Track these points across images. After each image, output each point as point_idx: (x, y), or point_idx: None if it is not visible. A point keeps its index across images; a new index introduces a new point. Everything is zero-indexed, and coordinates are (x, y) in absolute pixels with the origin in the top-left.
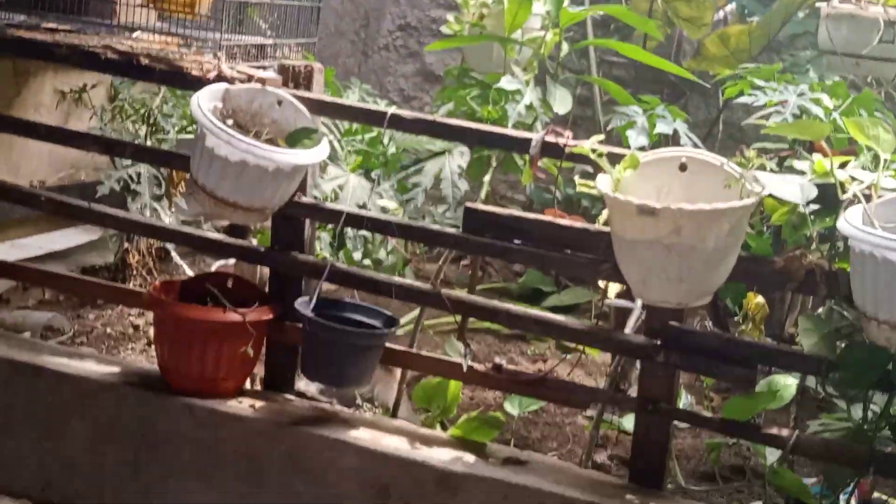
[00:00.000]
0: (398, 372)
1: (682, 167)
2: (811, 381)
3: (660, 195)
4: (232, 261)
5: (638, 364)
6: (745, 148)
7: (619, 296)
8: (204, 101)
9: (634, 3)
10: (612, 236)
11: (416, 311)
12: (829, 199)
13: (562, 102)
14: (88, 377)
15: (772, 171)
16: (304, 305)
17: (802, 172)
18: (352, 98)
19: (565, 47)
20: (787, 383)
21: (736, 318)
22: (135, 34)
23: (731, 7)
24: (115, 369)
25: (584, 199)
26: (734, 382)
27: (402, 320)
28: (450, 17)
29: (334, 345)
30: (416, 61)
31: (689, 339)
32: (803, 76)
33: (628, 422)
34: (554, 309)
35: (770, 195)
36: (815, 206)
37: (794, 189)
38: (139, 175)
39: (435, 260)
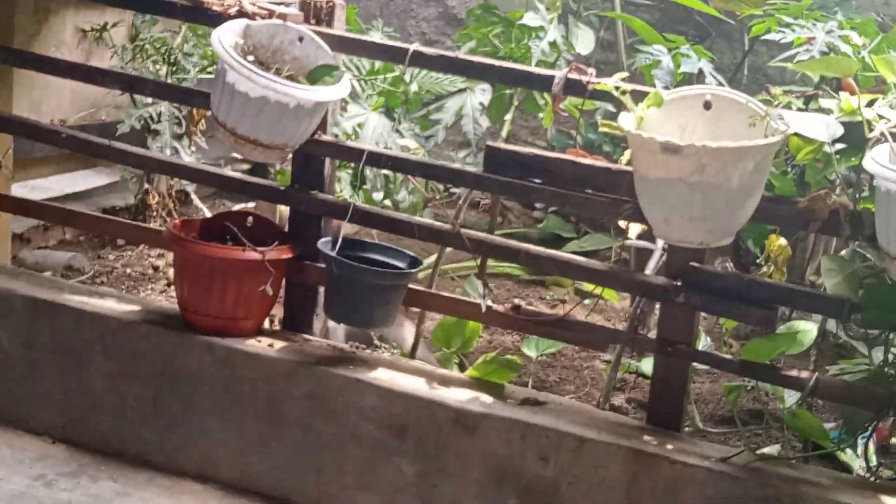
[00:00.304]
0: (414, 313)
1: (707, 105)
2: (831, 326)
3: (684, 134)
4: (252, 204)
5: (657, 309)
6: (771, 86)
7: (639, 238)
8: (225, 37)
9: None
10: (635, 175)
11: (435, 256)
12: (856, 137)
13: (584, 41)
14: (108, 315)
15: (798, 109)
16: (326, 246)
17: (829, 111)
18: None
19: None
20: (808, 328)
21: (758, 261)
22: None
23: None
24: (135, 308)
25: (605, 145)
26: (754, 324)
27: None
28: None
29: (359, 285)
30: (438, 4)
31: (709, 280)
32: (831, 18)
33: (647, 365)
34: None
35: (795, 133)
36: (840, 145)
37: (820, 127)
38: (160, 114)
39: (453, 205)
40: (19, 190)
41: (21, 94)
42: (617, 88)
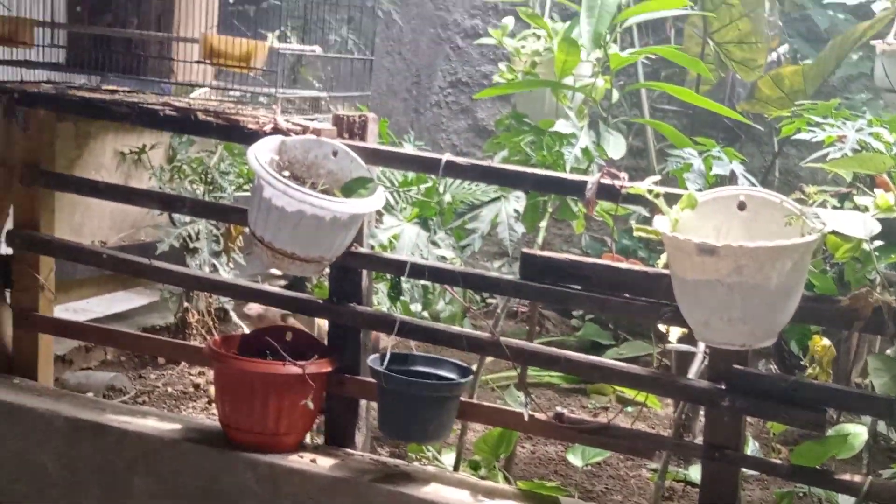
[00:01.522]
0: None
1: (741, 206)
2: (882, 427)
3: (719, 235)
4: (291, 319)
5: (702, 414)
6: (805, 185)
7: (680, 341)
8: (261, 154)
9: (686, 47)
10: (672, 278)
11: (475, 366)
12: (894, 234)
13: (616, 146)
14: (151, 434)
15: (833, 207)
16: (376, 362)
17: (865, 208)
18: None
19: (616, 94)
20: (858, 430)
21: (802, 362)
22: (193, 93)
23: (783, 49)
24: (177, 426)
25: (640, 250)
26: (802, 426)
27: None
28: (501, 66)
29: (413, 400)
30: (467, 117)
31: (754, 383)
32: (860, 116)
33: (694, 473)
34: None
35: (832, 232)
36: (879, 242)
37: (857, 224)
38: (198, 233)
39: (492, 314)
40: (61, 312)
41: (62, 216)
42: (650, 191)
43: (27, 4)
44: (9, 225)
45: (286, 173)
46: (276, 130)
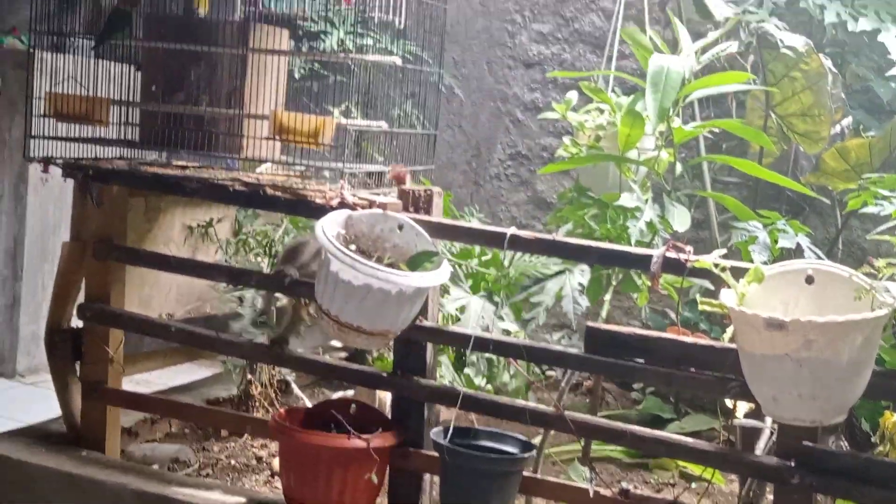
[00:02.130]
0: None
1: (809, 280)
2: None
3: (787, 309)
4: (351, 392)
5: (769, 491)
6: (874, 259)
7: (746, 416)
8: (328, 228)
9: (748, 119)
10: (740, 352)
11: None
12: None
13: (681, 219)
14: None
15: None
16: (439, 436)
17: None
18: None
19: (679, 166)
20: None
21: (872, 439)
22: (260, 168)
23: (847, 121)
24: (241, 499)
25: (702, 323)
26: None
27: None
28: (566, 139)
29: (475, 474)
30: (527, 189)
31: (825, 460)
32: None
33: None
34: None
35: None
36: None
37: None
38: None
39: (553, 387)
40: (127, 384)
41: (132, 289)
42: (716, 265)
43: (104, 84)
44: (80, 298)
45: (353, 247)
46: (343, 205)
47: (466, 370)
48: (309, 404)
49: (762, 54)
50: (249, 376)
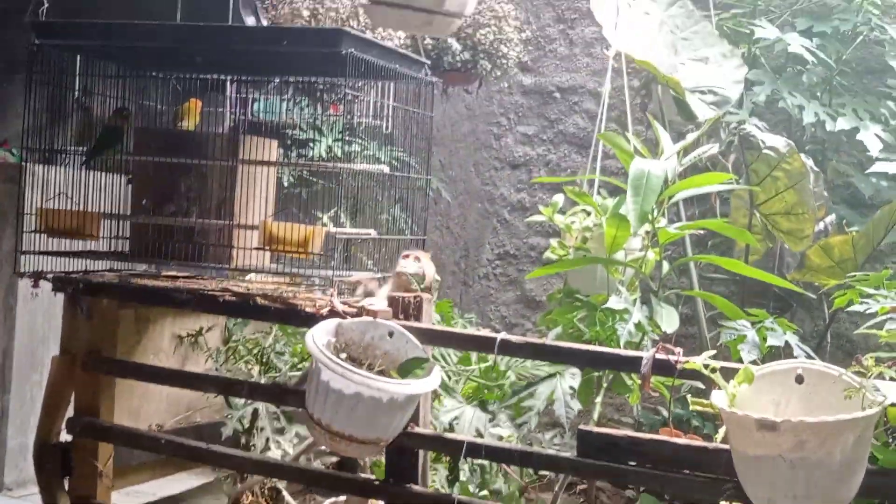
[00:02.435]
0: None
1: (799, 379)
2: None
3: (778, 409)
4: (342, 499)
5: None
6: (862, 357)
7: None
8: (318, 337)
9: (733, 218)
10: (733, 453)
11: None
12: None
13: (669, 320)
14: None
15: (892, 379)
16: None
17: None
18: (456, 327)
19: (665, 266)
20: None
21: None
22: (248, 276)
23: (830, 218)
24: None
25: (694, 419)
26: None
27: None
28: (553, 242)
29: None
30: (516, 289)
31: None
32: None
33: None
34: None
35: (893, 404)
36: None
37: None
38: (256, 411)
39: (548, 487)
40: (117, 496)
41: (121, 401)
42: (706, 366)
43: (95, 196)
44: (69, 412)
45: (343, 355)
46: (333, 313)
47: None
48: None
49: (745, 154)
50: (240, 485)
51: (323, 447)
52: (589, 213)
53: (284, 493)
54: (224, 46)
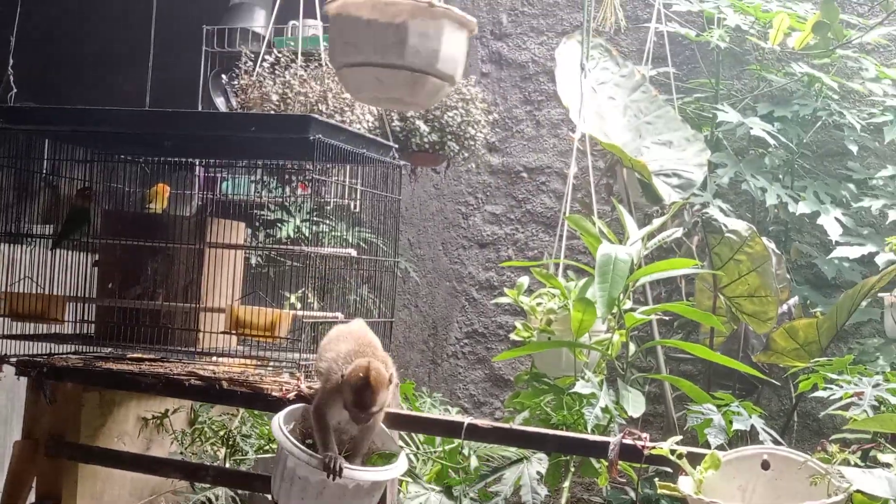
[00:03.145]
0: None
1: (765, 465)
2: None
3: (745, 494)
4: None
5: None
6: (827, 442)
7: None
8: (284, 422)
9: (697, 300)
10: None
11: None
12: None
13: (635, 404)
14: None
15: (856, 465)
16: None
17: (888, 465)
18: (426, 407)
19: (632, 348)
20: None
21: None
22: (215, 359)
23: (793, 300)
24: None
25: (663, 500)
26: None
27: None
28: (517, 323)
29: None
30: (484, 367)
31: None
32: (873, 364)
33: None
34: None
35: (858, 491)
36: None
37: (883, 484)
38: (217, 497)
39: None
40: None
41: (84, 486)
42: (673, 452)
43: (60, 277)
44: (31, 497)
45: (309, 441)
46: (300, 398)
47: None
48: None
49: (708, 238)
50: None
51: None
52: (554, 296)
53: None
54: (193, 132)
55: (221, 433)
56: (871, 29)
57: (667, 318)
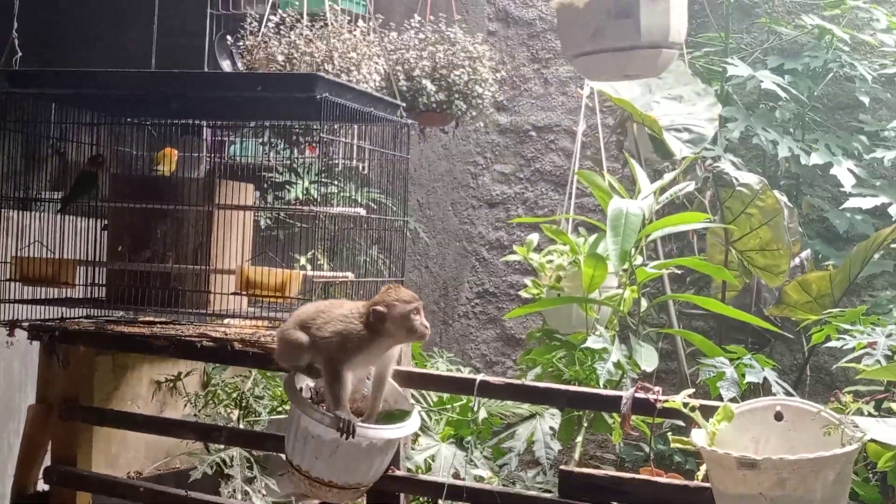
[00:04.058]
0: None
1: (778, 416)
2: None
3: (758, 446)
4: None
5: None
6: (840, 393)
7: None
8: (297, 382)
9: (709, 254)
10: (714, 492)
11: None
12: None
13: (648, 359)
14: None
15: (870, 414)
16: None
17: None
18: (439, 367)
19: (644, 303)
20: None
21: None
22: (226, 320)
23: (805, 253)
24: None
25: (676, 455)
26: None
27: None
28: (527, 281)
29: None
30: (496, 326)
31: None
32: (887, 316)
33: None
34: None
35: (872, 440)
36: None
37: None
38: (231, 458)
39: None
40: None
41: (99, 448)
42: (686, 405)
43: (70, 243)
44: (47, 461)
45: (322, 402)
46: None
47: None
48: None
49: (719, 192)
50: None
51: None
52: (564, 252)
53: None
54: (199, 93)
55: (234, 395)
56: None
57: (679, 272)
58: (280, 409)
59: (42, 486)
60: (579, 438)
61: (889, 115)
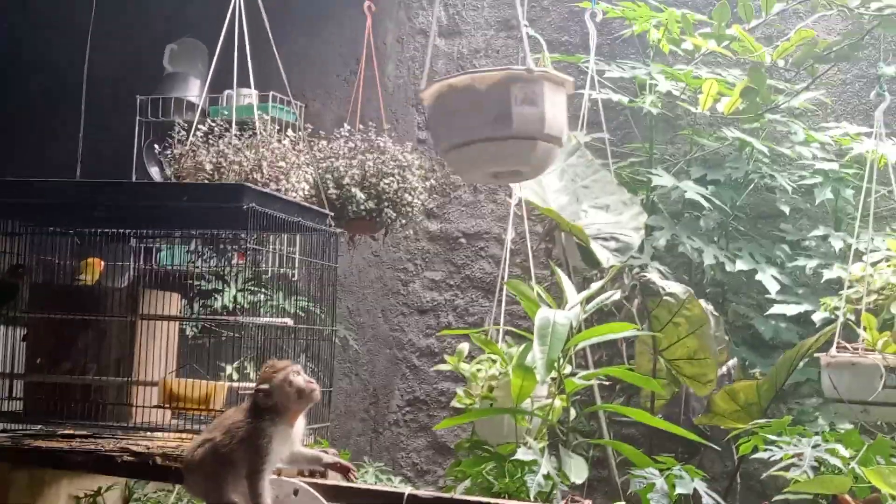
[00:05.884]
0: None
1: None
2: None
3: None
4: None
5: None
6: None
7: None
8: None
9: (638, 362)
10: None
11: None
12: None
13: (577, 471)
14: None
15: None
16: None
17: None
18: (368, 479)
19: (573, 412)
20: None
21: None
22: (149, 433)
23: (732, 362)
24: None
25: None
26: None
27: None
28: (458, 389)
29: None
30: (427, 434)
31: None
32: (812, 424)
33: None
34: None
35: None
36: None
37: None
38: None
39: None
40: None
41: None
42: None
43: None
44: None
45: None
46: None
47: None
48: None
49: (646, 301)
50: None
51: None
52: (495, 361)
53: None
54: (124, 203)
55: None
56: (797, 94)
57: (608, 382)
58: None
59: None
60: None
61: (809, 224)
